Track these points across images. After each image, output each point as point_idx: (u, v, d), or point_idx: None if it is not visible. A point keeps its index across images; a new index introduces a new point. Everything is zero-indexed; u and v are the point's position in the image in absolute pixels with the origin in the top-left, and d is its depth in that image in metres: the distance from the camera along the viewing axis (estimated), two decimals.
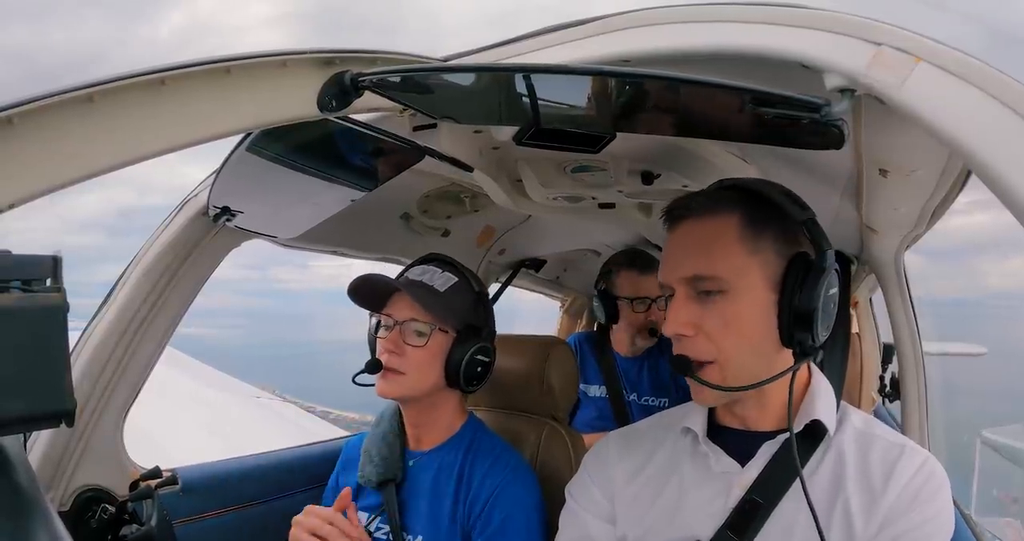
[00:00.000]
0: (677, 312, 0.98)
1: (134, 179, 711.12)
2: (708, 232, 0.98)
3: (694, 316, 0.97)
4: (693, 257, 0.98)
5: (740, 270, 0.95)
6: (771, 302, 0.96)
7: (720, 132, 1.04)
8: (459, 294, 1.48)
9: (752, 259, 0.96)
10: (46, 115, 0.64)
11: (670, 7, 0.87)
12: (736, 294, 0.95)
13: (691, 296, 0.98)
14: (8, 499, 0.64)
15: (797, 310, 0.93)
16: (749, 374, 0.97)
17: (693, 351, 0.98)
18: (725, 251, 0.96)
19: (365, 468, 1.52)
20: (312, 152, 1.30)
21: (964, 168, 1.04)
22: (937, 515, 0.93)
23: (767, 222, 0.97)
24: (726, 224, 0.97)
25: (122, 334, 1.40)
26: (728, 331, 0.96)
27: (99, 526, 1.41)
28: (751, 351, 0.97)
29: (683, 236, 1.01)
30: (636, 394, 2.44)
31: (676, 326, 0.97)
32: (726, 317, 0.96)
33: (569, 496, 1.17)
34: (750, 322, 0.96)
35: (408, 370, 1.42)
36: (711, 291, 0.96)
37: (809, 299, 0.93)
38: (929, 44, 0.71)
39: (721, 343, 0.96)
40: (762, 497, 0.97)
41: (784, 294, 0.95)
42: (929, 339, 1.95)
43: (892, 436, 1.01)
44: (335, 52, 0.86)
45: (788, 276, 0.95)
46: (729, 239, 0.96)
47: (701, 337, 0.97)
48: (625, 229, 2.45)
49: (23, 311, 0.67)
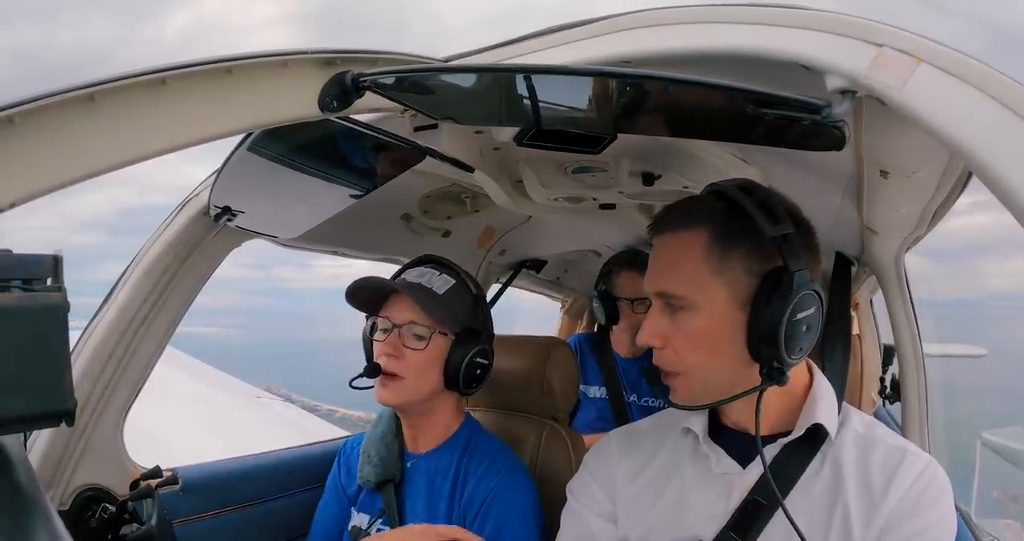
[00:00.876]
0: (648, 322, 1.00)
1: (136, 179, 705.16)
2: (676, 248, 0.99)
3: (663, 328, 0.99)
4: (661, 273, 1.00)
5: (703, 288, 0.96)
6: (739, 320, 0.95)
7: (721, 133, 1.04)
8: (458, 296, 1.48)
9: (717, 277, 0.95)
10: (47, 114, 0.64)
11: (671, 8, 0.87)
12: (699, 311, 0.96)
13: (663, 309, 1.00)
14: (8, 498, 0.64)
15: (761, 330, 0.93)
16: (715, 388, 0.98)
17: (662, 361, 1.00)
18: (689, 269, 0.96)
19: (364, 469, 1.51)
20: (313, 152, 1.30)
21: (965, 169, 1.04)
22: (940, 521, 0.92)
23: (738, 238, 0.95)
24: (693, 241, 0.97)
25: (122, 333, 1.40)
26: (691, 346, 0.97)
27: (99, 525, 1.41)
28: (715, 367, 0.98)
29: (657, 249, 1.02)
30: (636, 395, 2.44)
31: (645, 337, 1.00)
32: (689, 333, 0.97)
33: (570, 495, 1.17)
34: (713, 339, 0.96)
35: (407, 374, 1.41)
36: (677, 306, 0.97)
37: (772, 319, 0.91)
38: (930, 45, 0.71)
39: (685, 357, 0.98)
40: (765, 498, 0.97)
41: (752, 312, 0.94)
42: (930, 340, 1.95)
43: (893, 439, 1.00)
44: (336, 52, 0.86)
45: (758, 294, 0.94)
46: (694, 257, 0.96)
47: (669, 349, 0.99)
48: (626, 230, 2.45)
49: (23, 310, 0.67)
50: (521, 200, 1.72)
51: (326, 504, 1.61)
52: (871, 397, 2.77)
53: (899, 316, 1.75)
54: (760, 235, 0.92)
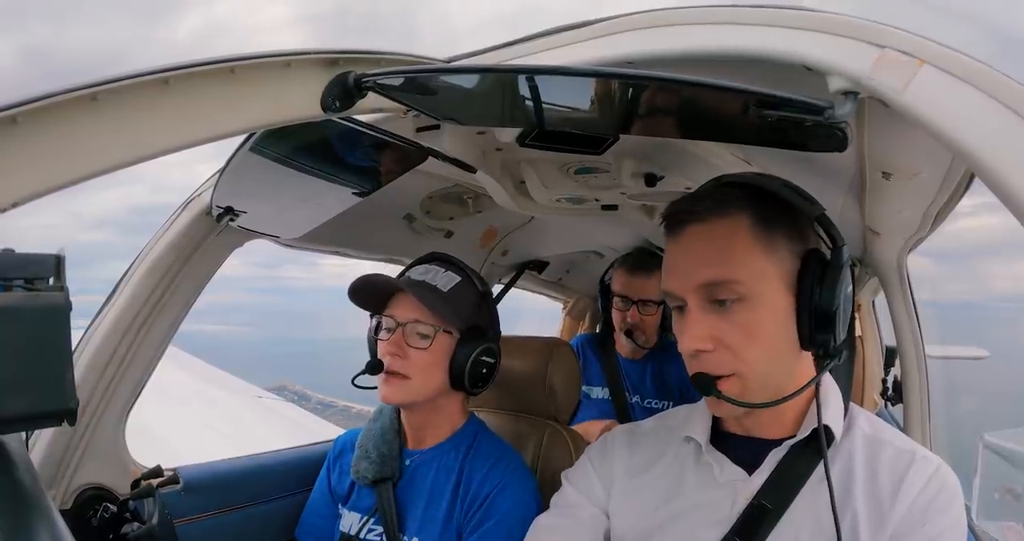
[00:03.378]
0: (694, 326, 0.92)
1: (148, 177, 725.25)
2: (719, 235, 0.92)
3: (712, 328, 0.91)
4: (707, 263, 0.91)
5: (759, 274, 0.90)
6: (789, 305, 0.91)
7: (723, 134, 1.03)
8: (463, 294, 1.46)
9: (769, 261, 0.91)
10: (50, 114, 0.64)
11: (674, 9, 0.87)
12: (755, 300, 0.90)
13: (705, 307, 0.92)
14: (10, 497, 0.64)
15: (818, 311, 0.89)
16: (773, 384, 0.93)
17: (713, 366, 0.91)
18: (742, 254, 0.90)
19: (360, 464, 1.49)
20: (315, 153, 1.30)
21: (967, 171, 1.03)
22: (951, 527, 0.89)
23: (777, 220, 0.92)
24: (737, 225, 0.91)
25: (124, 333, 1.40)
26: (750, 341, 0.90)
27: (100, 524, 1.41)
28: (773, 360, 0.92)
29: (690, 242, 0.94)
30: (639, 396, 2.44)
31: (695, 341, 0.91)
32: (747, 326, 0.90)
33: (566, 480, 1.14)
34: (771, 329, 0.91)
35: (412, 373, 1.39)
36: (726, 300, 0.90)
37: (830, 298, 0.88)
38: (933, 47, 0.71)
39: (743, 355, 0.90)
40: (770, 502, 0.94)
41: (802, 295, 0.90)
42: (932, 342, 1.95)
43: (901, 441, 0.97)
44: (339, 52, 0.86)
45: (804, 275, 0.91)
46: (744, 241, 0.91)
47: (721, 350, 0.91)
48: (628, 231, 2.45)
49: (26, 310, 0.67)
50: (523, 201, 1.72)
51: (312, 507, 1.60)
52: (873, 398, 2.77)
53: (901, 317, 1.75)
54: (795, 216, 0.92)
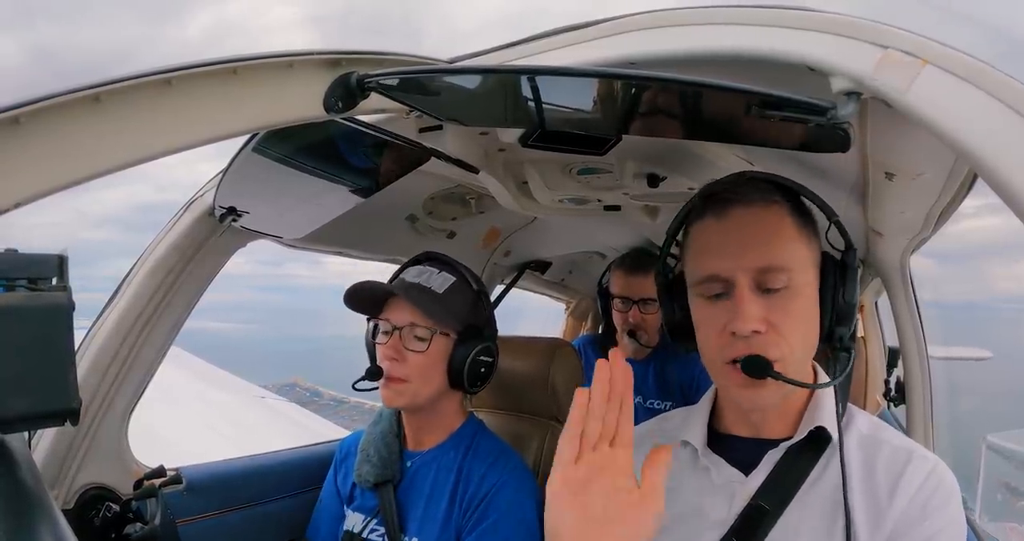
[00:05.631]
0: (750, 306, 0.90)
1: (153, 176, 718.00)
2: (767, 221, 0.93)
3: (764, 310, 0.91)
4: (761, 245, 0.92)
5: (803, 263, 0.93)
6: (817, 298, 0.95)
7: (726, 135, 1.03)
8: (458, 294, 1.47)
9: (810, 252, 0.95)
10: (53, 114, 0.65)
11: (676, 10, 0.87)
12: (797, 288, 0.92)
13: (755, 290, 0.92)
14: (12, 496, 0.64)
15: (841, 306, 0.94)
16: (803, 371, 0.96)
17: (766, 349, 0.90)
18: (791, 241, 0.93)
19: (362, 467, 1.50)
20: (318, 153, 1.30)
21: (970, 172, 1.03)
22: (949, 524, 0.89)
23: (808, 216, 0.97)
24: (782, 213, 0.94)
25: (127, 333, 1.41)
26: (794, 326, 0.92)
27: (103, 524, 1.41)
28: (808, 349, 0.95)
29: (737, 224, 0.94)
30: (641, 397, 2.43)
31: (752, 322, 0.90)
32: (791, 312, 0.91)
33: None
34: (809, 317, 0.94)
35: (411, 377, 1.40)
36: (773, 286, 0.91)
37: (852, 296, 0.93)
38: (936, 47, 0.71)
39: (789, 339, 0.91)
40: (768, 503, 0.95)
41: (825, 290, 0.94)
42: (935, 343, 1.94)
43: (899, 440, 0.97)
44: (341, 53, 0.86)
45: (825, 273, 0.95)
46: (791, 230, 0.93)
47: (772, 333, 0.91)
48: (631, 232, 2.45)
49: (29, 310, 0.67)
50: (526, 201, 1.72)
51: (322, 508, 1.60)
52: (875, 399, 2.76)
53: (904, 318, 1.74)
54: (812, 218, 0.96)
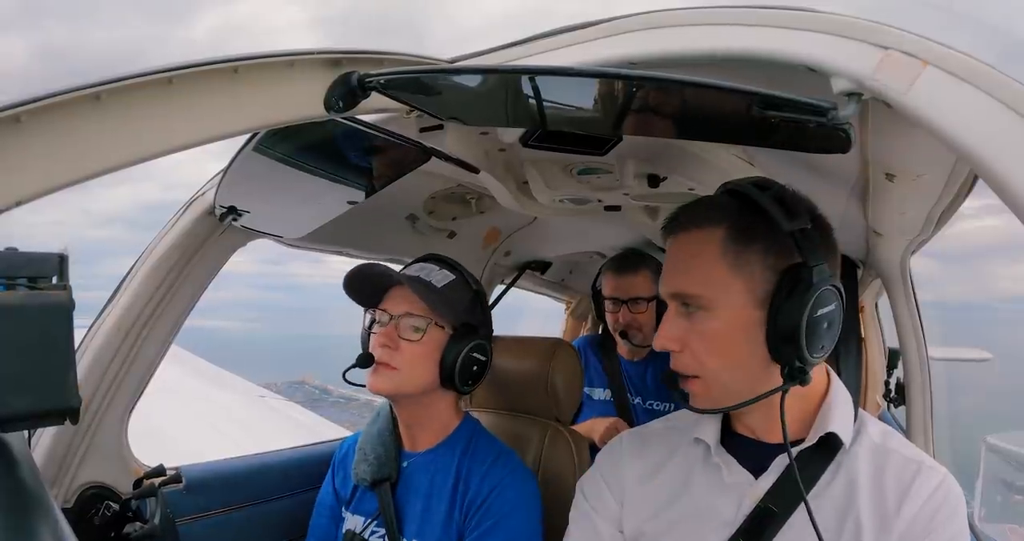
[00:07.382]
0: (664, 326, 0.99)
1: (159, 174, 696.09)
2: (692, 248, 0.97)
3: (681, 331, 0.97)
4: (677, 273, 0.98)
5: (720, 287, 0.93)
6: (757, 319, 0.93)
7: (726, 135, 1.03)
8: (457, 291, 1.47)
9: (734, 275, 0.93)
10: (53, 113, 0.65)
11: (677, 10, 0.87)
12: (717, 311, 0.94)
13: (679, 311, 0.98)
14: (12, 495, 0.64)
15: (780, 328, 0.91)
16: (736, 391, 0.95)
17: (680, 366, 0.98)
18: (705, 268, 0.95)
19: (359, 466, 1.49)
20: (318, 153, 1.30)
21: (971, 173, 1.03)
22: (955, 537, 0.90)
23: (754, 234, 0.93)
24: (709, 239, 0.95)
25: (127, 331, 1.41)
26: (709, 348, 0.95)
27: (102, 523, 1.41)
28: (733, 368, 0.96)
29: (672, 251, 1.00)
30: (641, 398, 2.44)
31: (662, 341, 0.98)
32: (706, 334, 0.95)
33: (580, 493, 1.15)
34: (731, 339, 0.94)
35: (401, 365, 1.39)
36: (694, 307, 0.95)
37: (791, 316, 0.89)
38: (936, 48, 0.71)
39: (703, 360, 0.96)
40: (776, 506, 0.95)
41: (770, 310, 0.92)
42: (935, 344, 1.94)
43: (909, 451, 0.97)
44: (342, 53, 0.86)
45: (777, 291, 0.92)
46: (710, 255, 0.94)
47: (687, 352, 0.97)
48: (631, 232, 2.45)
49: (29, 309, 0.67)
50: (526, 201, 1.72)
51: (320, 509, 1.60)
52: (876, 400, 2.76)
53: (904, 319, 1.74)
54: (777, 231, 0.91)
